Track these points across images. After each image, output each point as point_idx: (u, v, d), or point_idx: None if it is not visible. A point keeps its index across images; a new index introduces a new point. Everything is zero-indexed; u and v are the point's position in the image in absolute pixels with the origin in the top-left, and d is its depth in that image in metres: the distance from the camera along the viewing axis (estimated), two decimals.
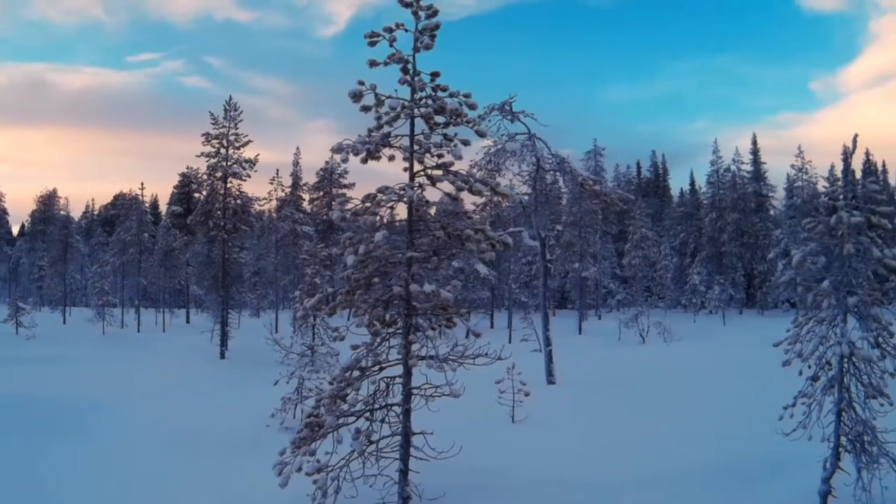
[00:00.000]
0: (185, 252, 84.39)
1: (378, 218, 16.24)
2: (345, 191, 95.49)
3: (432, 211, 18.14)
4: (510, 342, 53.94)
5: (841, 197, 15.89)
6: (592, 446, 22.27)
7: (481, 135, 17.38)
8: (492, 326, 75.80)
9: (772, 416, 16.12)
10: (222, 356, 51.89)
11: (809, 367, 15.78)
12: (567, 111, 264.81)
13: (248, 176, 55.80)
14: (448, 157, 16.51)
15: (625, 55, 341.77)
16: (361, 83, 16.25)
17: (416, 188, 16.32)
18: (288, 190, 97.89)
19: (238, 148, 55.20)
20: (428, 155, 16.62)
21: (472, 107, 16.61)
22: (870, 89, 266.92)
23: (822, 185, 79.61)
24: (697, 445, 21.60)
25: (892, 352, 15.18)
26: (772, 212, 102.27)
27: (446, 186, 16.69)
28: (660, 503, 17.57)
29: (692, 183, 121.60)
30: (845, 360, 15.38)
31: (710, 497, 17.70)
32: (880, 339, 15.30)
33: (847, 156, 16.49)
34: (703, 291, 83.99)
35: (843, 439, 15.62)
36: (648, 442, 22.52)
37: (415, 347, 16.65)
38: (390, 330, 16.81)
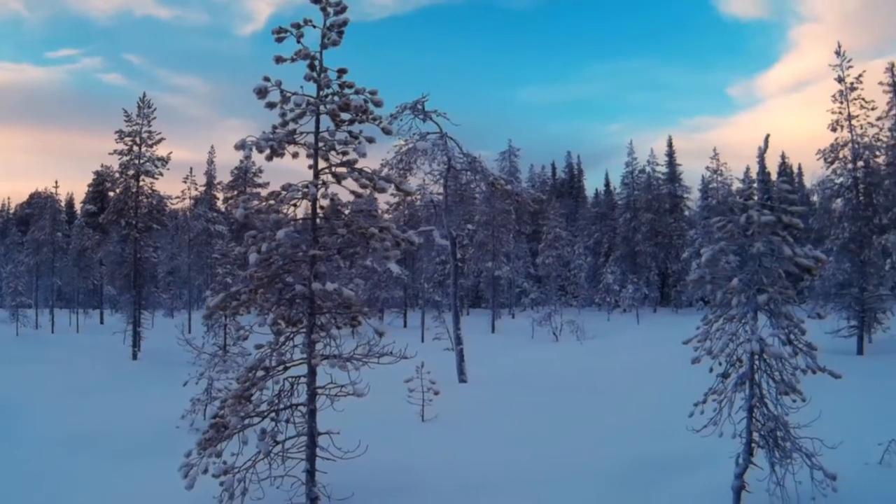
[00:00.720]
0: (99, 251, 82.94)
1: (281, 215, 16.03)
2: (259, 190, 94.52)
3: (346, 210, 17.86)
4: (423, 341, 54.18)
5: (755, 196, 15.93)
6: (503, 444, 22.16)
7: (387, 132, 17.18)
8: (405, 325, 75.76)
9: (685, 412, 16.12)
10: (134, 357, 51.44)
11: (720, 364, 15.85)
12: (485, 112, 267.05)
13: (161, 174, 55.52)
14: (353, 155, 16.40)
15: (543, 57, 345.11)
16: (267, 79, 16.07)
17: (319, 186, 16.10)
18: (202, 188, 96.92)
19: (151, 146, 54.83)
20: (333, 152, 16.51)
21: (377, 104, 16.53)
22: (787, 95, 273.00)
23: (736, 187, 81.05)
24: (610, 442, 21.62)
25: (804, 349, 15.25)
26: (686, 212, 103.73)
27: (351, 184, 16.52)
28: (571, 501, 17.44)
29: (607, 184, 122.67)
30: (756, 357, 15.42)
31: (623, 493, 17.74)
32: (792, 337, 15.39)
33: (760, 155, 16.49)
34: (617, 290, 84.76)
35: (755, 435, 15.69)
36: (561, 440, 22.47)
37: (319, 346, 16.39)
38: (294, 329, 16.55)
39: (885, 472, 17.54)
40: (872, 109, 46.89)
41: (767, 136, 16.51)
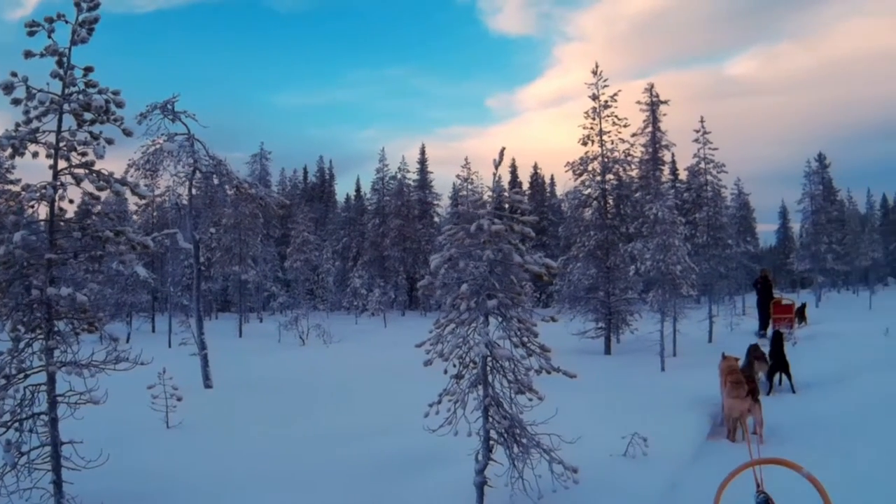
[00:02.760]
0: None
1: (20, 217, 15.73)
2: (10, 187, 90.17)
3: (96, 211, 17.64)
4: (170, 346, 53.05)
5: (506, 206, 16.60)
6: (249, 447, 22.09)
7: (127, 134, 16.86)
8: (153, 330, 74.03)
9: (424, 412, 16.57)
10: None
11: (454, 365, 16.27)
12: (244, 114, 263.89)
13: None
14: (92, 156, 16.03)
15: (304, 61, 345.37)
16: (14, 74, 15.51)
17: (58, 187, 15.84)
18: None
19: None
20: (74, 153, 16.12)
21: (119, 105, 16.16)
22: (546, 109, 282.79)
23: (487, 195, 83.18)
24: (354, 442, 21.79)
25: (538, 351, 15.92)
26: (436, 219, 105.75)
27: (89, 186, 16.19)
28: (316, 498, 17.74)
29: (358, 189, 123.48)
30: (488, 359, 16.00)
31: (367, 491, 17.89)
32: (525, 339, 16.00)
33: (496, 167, 17.13)
34: (365, 294, 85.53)
35: (492, 433, 16.20)
36: (305, 441, 22.55)
37: (57, 353, 16.12)
38: (33, 335, 16.21)
39: (629, 462, 18.55)
40: (625, 126, 49.06)
41: (503, 149, 17.01)
